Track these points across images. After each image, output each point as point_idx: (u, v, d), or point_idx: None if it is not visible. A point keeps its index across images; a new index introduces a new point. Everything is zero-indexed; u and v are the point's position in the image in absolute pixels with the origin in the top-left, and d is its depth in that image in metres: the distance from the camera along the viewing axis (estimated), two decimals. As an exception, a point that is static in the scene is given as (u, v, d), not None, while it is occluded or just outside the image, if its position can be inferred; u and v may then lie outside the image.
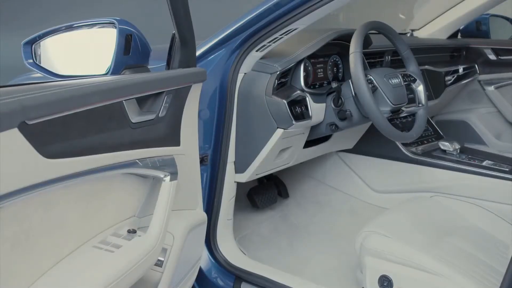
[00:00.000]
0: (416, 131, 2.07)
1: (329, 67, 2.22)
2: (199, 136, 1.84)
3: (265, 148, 1.98)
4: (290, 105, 1.90)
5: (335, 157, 2.74)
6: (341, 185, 2.74)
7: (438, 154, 2.45)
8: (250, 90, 1.93)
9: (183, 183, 1.56)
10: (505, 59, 3.17)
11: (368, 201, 2.64)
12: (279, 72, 1.89)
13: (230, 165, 2.02)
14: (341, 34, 2.14)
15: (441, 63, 3.01)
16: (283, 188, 2.79)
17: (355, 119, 2.03)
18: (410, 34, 3.21)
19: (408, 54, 2.15)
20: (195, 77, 1.56)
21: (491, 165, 2.32)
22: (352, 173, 2.69)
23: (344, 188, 2.73)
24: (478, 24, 3.33)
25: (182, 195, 1.60)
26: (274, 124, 1.93)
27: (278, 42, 1.90)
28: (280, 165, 2.21)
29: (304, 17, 1.79)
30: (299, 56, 1.98)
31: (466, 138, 3.30)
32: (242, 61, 1.91)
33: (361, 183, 2.67)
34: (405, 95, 2.07)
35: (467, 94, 3.33)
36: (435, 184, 2.40)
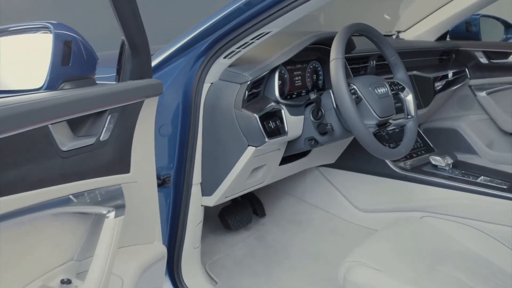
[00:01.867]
0: (405, 147, 1.88)
1: (308, 74, 2.03)
2: (160, 155, 1.65)
3: (235, 168, 1.79)
4: (263, 120, 1.69)
5: (315, 173, 2.55)
6: (322, 203, 2.56)
7: (428, 170, 2.28)
8: (217, 103, 1.73)
9: (135, 214, 1.36)
10: (497, 63, 3.01)
11: (352, 221, 2.46)
12: (249, 82, 1.69)
13: (196, 187, 1.83)
14: (321, 38, 1.95)
15: (430, 67, 2.84)
16: (259, 206, 2.60)
17: (337, 133, 1.84)
18: (396, 36, 3.05)
19: (395, 59, 1.96)
20: (149, 90, 1.35)
21: (487, 182, 2.14)
22: (335, 190, 2.51)
23: (326, 206, 2.55)
24: (468, 25, 3.17)
25: (135, 229, 1.39)
26: (245, 141, 1.73)
27: (248, 47, 1.71)
28: (253, 185, 2.01)
29: (278, 19, 1.61)
30: (273, 63, 1.78)
31: (456, 147, 3.16)
32: (208, 70, 1.71)
33: (344, 201, 2.49)
34: (392, 106, 1.88)
35: (457, 100, 3.16)
36: (425, 202, 2.23)
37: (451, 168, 2.25)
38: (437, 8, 2.90)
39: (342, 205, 2.49)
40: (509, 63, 2.97)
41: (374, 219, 2.38)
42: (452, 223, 2.10)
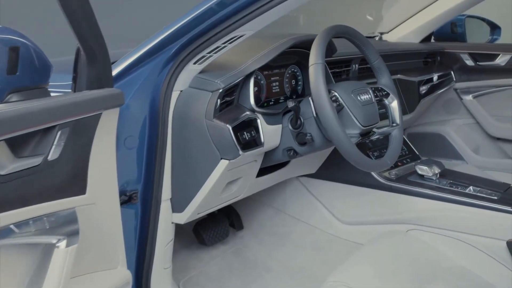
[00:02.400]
0: (391, 157, 1.77)
1: (286, 80, 1.91)
2: (126, 170, 1.56)
3: (207, 182, 1.66)
4: (236, 131, 1.57)
5: (296, 183, 2.43)
6: (303, 215, 2.44)
7: (415, 180, 2.17)
8: (187, 112, 1.60)
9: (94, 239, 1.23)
10: (484, 65, 2.92)
11: (334, 234, 2.34)
12: (222, 89, 1.57)
13: (166, 203, 1.70)
14: (300, 41, 1.84)
15: (414, 71, 2.74)
16: (237, 218, 2.48)
17: (317, 143, 1.72)
18: (379, 38, 2.96)
19: (379, 63, 1.85)
20: (107, 101, 1.22)
21: (476, 193, 2.04)
22: (316, 202, 2.40)
23: (306, 218, 2.43)
24: (453, 26, 3.08)
25: (94, 254, 1.27)
26: (217, 154, 1.60)
27: (221, 52, 1.58)
28: (227, 199, 1.89)
29: (253, 21, 1.49)
30: (248, 68, 1.66)
31: (442, 152, 3.08)
32: (177, 76, 1.58)
33: (326, 213, 2.37)
34: (376, 114, 1.77)
35: (443, 104, 3.07)
36: (412, 214, 2.12)
37: (438, 178, 2.14)
38: (422, 8, 2.81)
39: (323, 217, 2.38)
40: (495, 65, 2.88)
41: (358, 232, 2.27)
42: (440, 236, 2.00)
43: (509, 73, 2.83)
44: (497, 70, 2.87)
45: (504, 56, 2.83)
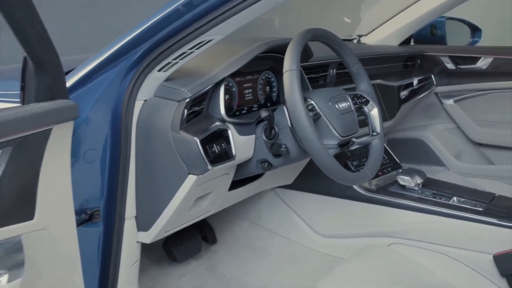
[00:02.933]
0: (371, 169, 1.68)
1: (260, 86, 1.81)
2: (86, 186, 1.45)
3: (174, 199, 1.55)
4: (205, 143, 1.47)
5: (271, 194, 2.33)
6: (279, 228, 2.33)
7: (396, 191, 2.08)
8: (152, 123, 1.49)
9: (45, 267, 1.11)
10: (465, 69, 2.86)
11: (312, 248, 2.24)
12: (189, 99, 1.46)
13: (130, 222, 1.58)
14: (274, 45, 1.74)
15: (394, 75, 2.66)
16: (210, 232, 2.38)
17: (293, 155, 1.63)
18: (357, 41, 2.88)
19: (358, 69, 1.76)
20: (59, 114, 1.11)
21: (461, 204, 1.96)
22: (293, 214, 2.30)
23: (283, 231, 2.32)
24: (433, 28, 3.02)
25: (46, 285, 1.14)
26: (184, 169, 1.50)
27: (187, 58, 1.48)
28: (197, 215, 1.79)
29: (222, 25, 1.38)
30: (218, 75, 1.55)
31: (422, 159, 3.03)
32: (140, 85, 1.47)
33: (303, 226, 2.27)
34: (356, 123, 1.68)
35: (423, 109, 3.01)
36: (393, 227, 2.04)
37: (420, 188, 2.05)
38: (401, 10, 2.75)
39: (301, 230, 2.27)
40: (477, 68, 2.82)
41: (337, 245, 2.17)
42: (424, 250, 1.92)
43: (490, 76, 2.78)
44: (478, 74, 2.81)
45: (486, 59, 2.78)
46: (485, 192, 2.09)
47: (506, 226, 1.83)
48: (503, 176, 2.72)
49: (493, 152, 2.88)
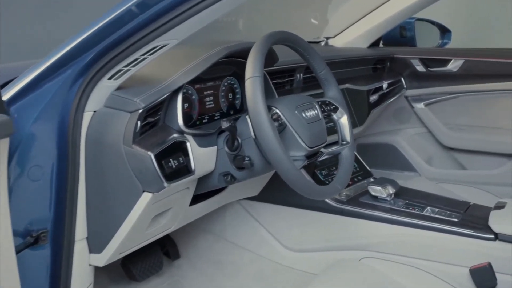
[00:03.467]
0: (341, 181, 1.59)
1: (222, 93, 1.71)
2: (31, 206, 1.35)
3: (128, 218, 1.44)
4: (160, 158, 1.35)
5: (236, 207, 2.23)
6: (245, 242, 2.24)
7: (367, 201, 2.00)
8: (103, 137, 1.38)
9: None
10: (435, 71, 2.80)
11: (281, 262, 2.15)
12: (142, 109, 1.34)
13: (81, 243, 1.46)
14: (236, 50, 1.64)
15: (363, 78, 2.58)
16: (172, 246, 2.27)
17: (258, 168, 1.53)
18: (325, 43, 2.79)
19: (326, 74, 1.67)
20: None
21: (435, 215, 1.89)
22: (259, 227, 2.20)
23: (249, 245, 2.23)
24: (402, 29, 2.96)
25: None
26: (139, 186, 1.38)
27: (140, 64, 1.36)
28: (156, 234, 1.68)
29: (177, 28, 1.27)
30: (175, 83, 1.45)
31: (393, 164, 2.97)
32: (89, 94, 1.35)
33: (271, 239, 2.17)
34: (324, 132, 1.59)
35: (393, 113, 2.95)
36: (365, 240, 1.96)
37: (393, 199, 1.97)
38: (369, 11, 2.67)
39: (268, 244, 2.18)
40: (448, 71, 2.76)
41: (306, 260, 2.08)
42: (397, 264, 1.85)
43: (461, 79, 2.73)
44: (449, 76, 2.76)
45: (457, 61, 2.72)
46: (460, 201, 2.03)
47: (482, 237, 1.77)
48: (476, 181, 2.70)
49: (464, 156, 2.83)
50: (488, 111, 2.72)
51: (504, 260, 1.71)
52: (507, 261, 1.71)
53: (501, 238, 1.74)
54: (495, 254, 1.73)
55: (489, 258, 1.71)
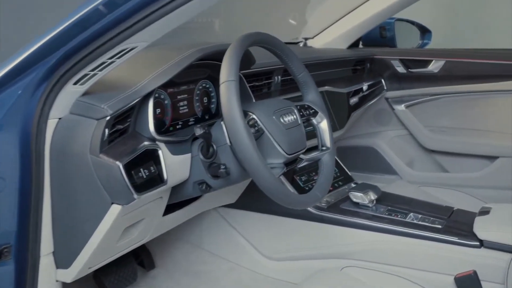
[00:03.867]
0: (321, 189, 1.53)
1: (197, 98, 1.64)
2: None
3: (97, 231, 1.37)
4: (130, 168, 1.28)
5: (213, 214, 2.16)
6: (223, 251, 2.18)
7: (348, 208, 1.95)
8: (68, 145, 1.30)
9: None
10: (416, 72, 2.76)
11: (260, 272, 2.09)
12: (109, 116, 1.27)
13: (47, 259, 1.39)
14: (210, 52, 1.57)
15: (343, 80, 2.53)
16: (147, 256, 2.20)
17: (234, 176, 1.47)
18: (304, 44, 2.74)
19: (305, 77, 1.61)
20: None
21: (418, 221, 1.85)
22: (237, 235, 2.14)
23: (227, 254, 2.17)
24: (382, 29, 2.91)
25: None
26: (107, 198, 1.31)
27: (108, 68, 1.29)
28: (128, 246, 1.61)
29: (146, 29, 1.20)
30: (146, 87, 1.37)
31: (374, 167, 2.93)
32: (53, 100, 1.27)
33: (249, 248, 2.12)
34: (303, 138, 1.53)
35: (374, 115, 2.91)
36: (346, 248, 1.91)
37: (375, 205, 1.92)
38: (349, 11, 2.63)
39: (247, 253, 2.12)
40: (428, 72, 2.72)
41: (286, 269, 2.03)
42: (379, 273, 1.81)
43: (442, 80, 2.70)
44: (430, 78, 2.73)
45: (437, 62, 2.69)
46: (443, 206, 1.99)
47: (467, 245, 1.74)
48: (458, 184, 2.67)
49: (446, 159, 2.80)
50: (470, 113, 2.69)
51: (489, 268, 1.68)
52: (493, 269, 1.68)
53: (486, 245, 1.71)
54: (480, 262, 1.70)
55: (475, 266, 1.68)
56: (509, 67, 2.54)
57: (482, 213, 1.81)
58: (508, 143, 2.57)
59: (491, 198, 2.49)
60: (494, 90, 2.58)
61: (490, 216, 1.77)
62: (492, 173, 2.62)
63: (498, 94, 2.59)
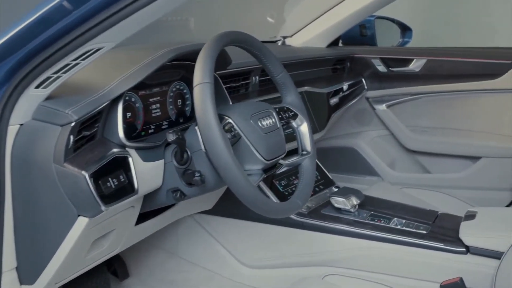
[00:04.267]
0: (302, 196, 1.46)
1: (170, 100, 1.57)
2: None
3: (63, 245, 1.28)
4: (97, 178, 1.20)
5: (189, 221, 2.09)
6: (200, 258, 2.10)
7: (330, 213, 1.89)
8: (31, 154, 1.21)
9: None
10: (397, 71, 2.72)
11: (238, 280, 2.01)
12: (74, 122, 1.18)
13: (10, 275, 1.30)
14: (184, 52, 1.49)
15: (323, 80, 2.47)
16: (120, 265, 2.12)
17: (210, 183, 1.39)
18: (282, 42, 2.69)
19: (284, 78, 1.54)
20: None
21: (402, 227, 1.80)
22: (214, 242, 2.06)
23: (204, 262, 2.09)
24: (362, 28, 2.88)
25: None
26: (73, 210, 1.23)
27: (73, 70, 1.20)
28: (98, 258, 1.53)
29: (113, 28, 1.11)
30: (115, 90, 1.29)
31: (355, 168, 2.89)
32: (14, 105, 1.18)
33: (227, 256, 2.04)
34: (283, 142, 1.46)
35: (354, 115, 2.86)
36: (329, 256, 1.85)
37: (357, 210, 1.86)
38: (328, 9, 2.58)
39: (224, 261, 2.04)
40: (409, 71, 2.68)
41: (266, 277, 1.96)
42: (363, 281, 1.76)
43: (424, 79, 2.66)
44: (411, 77, 2.69)
45: (419, 61, 2.66)
46: (427, 210, 1.94)
47: (453, 251, 1.69)
48: (440, 185, 2.64)
49: (428, 159, 2.77)
50: (452, 113, 2.66)
51: (476, 274, 1.64)
52: (479, 276, 1.63)
53: (473, 251, 1.66)
54: (467, 269, 1.65)
55: (461, 272, 1.63)
56: (491, 66, 2.52)
57: (468, 218, 1.76)
58: (490, 143, 2.55)
59: (474, 200, 2.46)
60: (476, 90, 2.55)
61: (476, 221, 1.72)
62: (475, 174, 2.59)
63: (480, 93, 2.56)
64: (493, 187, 2.54)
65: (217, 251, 2.05)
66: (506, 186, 2.50)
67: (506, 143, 2.52)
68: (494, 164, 2.54)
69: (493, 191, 2.54)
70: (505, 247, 1.55)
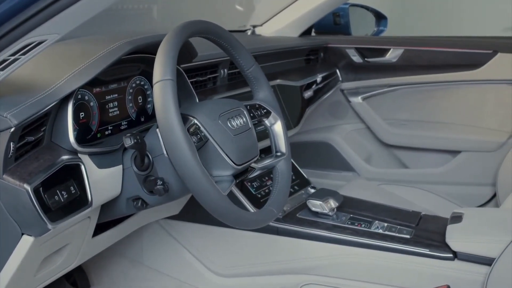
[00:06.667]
0: (277, 204, 1.34)
1: (130, 97, 1.43)
2: None
3: (7, 266, 1.15)
4: (43, 191, 1.05)
5: (154, 227, 1.95)
6: (166, 267, 1.96)
7: (306, 217, 1.77)
8: None
9: None
10: (373, 62, 2.63)
11: None
12: (14, 127, 1.03)
13: None
14: (144, 44, 1.35)
15: (296, 72, 2.36)
16: (80, 274, 2.00)
17: (174, 192, 1.26)
18: (252, 32, 2.57)
19: (255, 72, 1.41)
20: None
21: (384, 231, 1.69)
22: (182, 249, 1.92)
23: (171, 271, 1.95)
24: (336, 16, 2.77)
25: None
26: (16, 228, 1.08)
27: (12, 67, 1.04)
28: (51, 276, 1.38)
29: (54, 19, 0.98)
30: (63, 88, 1.15)
31: (330, 164, 2.79)
32: None
33: (196, 264, 1.91)
34: (255, 144, 1.34)
35: (328, 108, 2.76)
36: (306, 263, 1.73)
37: (335, 213, 1.74)
38: (299, -4, 2.47)
39: (193, 269, 1.91)
40: (386, 61, 2.60)
41: (238, 286, 1.83)
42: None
43: (401, 70, 2.59)
44: (387, 67, 2.61)
45: (396, 51, 2.57)
46: (409, 211, 1.84)
47: (439, 257, 1.59)
48: (419, 180, 2.57)
49: (406, 154, 2.70)
50: (430, 105, 2.59)
51: (465, 282, 1.54)
52: (468, 283, 1.54)
53: (460, 257, 1.56)
54: (454, 276, 1.55)
55: (448, 280, 1.54)
56: (472, 56, 2.45)
57: (454, 220, 1.65)
58: (471, 137, 2.49)
59: (454, 196, 2.38)
60: (456, 81, 2.49)
61: (463, 223, 1.62)
62: (455, 169, 2.53)
63: (460, 84, 2.50)
64: (473, 182, 2.47)
65: (185, 258, 1.92)
66: (487, 181, 2.43)
67: (486, 136, 2.46)
68: (475, 158, 2.47)
69: (473, 186, 2.47)
70: (496, 252, 1.45)
